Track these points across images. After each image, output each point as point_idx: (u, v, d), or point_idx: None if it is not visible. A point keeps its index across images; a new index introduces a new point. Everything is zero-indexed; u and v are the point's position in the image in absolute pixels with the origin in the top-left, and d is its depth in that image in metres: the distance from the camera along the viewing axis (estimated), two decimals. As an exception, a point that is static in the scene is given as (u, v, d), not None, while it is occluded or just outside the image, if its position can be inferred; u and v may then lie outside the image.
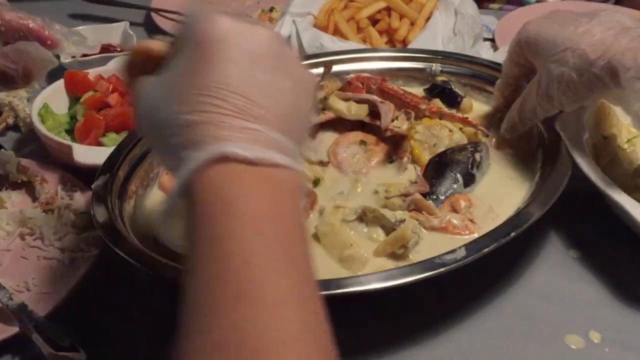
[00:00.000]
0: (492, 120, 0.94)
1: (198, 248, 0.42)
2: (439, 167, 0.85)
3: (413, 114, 0.98)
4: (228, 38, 0.46)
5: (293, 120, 0.48)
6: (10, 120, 1.10)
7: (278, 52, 0.49)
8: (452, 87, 0.99)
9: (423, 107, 0.97)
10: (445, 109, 0.97)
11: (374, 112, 0.93)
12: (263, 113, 0.45)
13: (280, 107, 0.47)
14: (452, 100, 0.97)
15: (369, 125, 0.94)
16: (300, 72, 0.51)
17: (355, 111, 0.93)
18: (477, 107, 0.99)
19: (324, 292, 0.64)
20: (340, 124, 0.97)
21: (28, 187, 0.92)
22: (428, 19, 1.22)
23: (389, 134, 0.91)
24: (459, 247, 0.67)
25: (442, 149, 0.90)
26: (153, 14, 1.43)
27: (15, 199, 0.91)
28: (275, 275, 0.41)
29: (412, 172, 0.86)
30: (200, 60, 0.46)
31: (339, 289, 0.64)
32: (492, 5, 1.53)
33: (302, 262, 0.44)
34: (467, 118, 0.95)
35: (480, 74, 1.01)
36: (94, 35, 1.31)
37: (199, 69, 0.46)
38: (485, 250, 0.67)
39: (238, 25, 0.48)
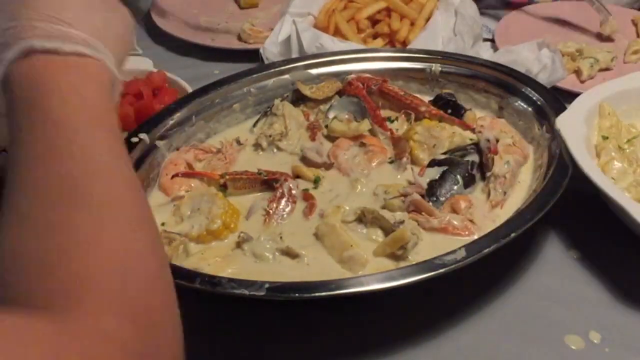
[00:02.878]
0: None
1: (16, 126, 0.49)
2: (439, 169, 0.86)
3: (413, 115, 0.98)
4: None
5: (106, 31, 0.57)
6: None
7: None
8: (457, 99, 0.99)
9: (423, 108, 0.97)
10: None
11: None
12: (71, 17, 0.54)
13: (90, 18, 0.56)
14: (456, 112, 0.97)
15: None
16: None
17: (356, 127, 0.94)
18: (478, 112, 0.99)
19: (325, 293, 0.65)
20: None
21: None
22: (428, 19, 1.22)
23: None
24: (459, 248, 0.67)
25: (441, 150, 0.90)
26: (153, 14, 1.43)
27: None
28: (82, 130, 0.49)
29: (411, 173, 0.86)
30: None
31: (340, 289, 0.64)
32: None
33: (103, 118, 0.51)
34: (465, 121, 0.95)
35: (480, 74, 1.01)
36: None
37: None
38: (486, 251, 0.67)
39: None
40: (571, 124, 0.83)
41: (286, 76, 1.05)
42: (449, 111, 0.97)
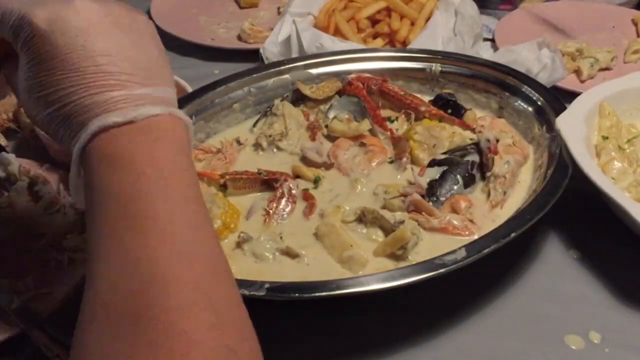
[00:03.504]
0: None
1: (91, 206, 0.48)
2: (439, 169, 0.86)
3: (413, 115, 0.98)
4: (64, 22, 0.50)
5: (153, 69, 0.52)
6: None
7: (121, 11, 0.53)
8: (457, 99, 0.99)
9: (423, 108, 0.97)
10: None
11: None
12: (126, 78, 0.50)
13: (139, 64, 0.51)
14: (456, 112, 0.97)
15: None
16: (139, 18, 0.54)
17: (356, 127, 0.94)
18: (478, 112, 0.99)
19: (325, 293, 0.65)
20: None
21: (30, 188, 0.93)
22: (428, 19, 1.22)
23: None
24: (459, 248, 0.67)
25: (441, 150, 0.90)
26: (153, 14, 1.43)
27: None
28: (154, 204, 0.46)
29: (411, 173, 0.86)
30: (51, 50, 0.49)
31: (340, 289, 0.64)
32: None
33: (182, 187, 0.48)
34: (465, 121, 0.95)
35: (480, 74, 1.01)
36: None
37: (52, 60, 0.49)
38: (486, 250, 0.67)
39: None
40: (571, 124, 0.83)
41: (286, 76, 1.05)
42: (449, 111, 0.97)
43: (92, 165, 0.48)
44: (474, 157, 0.87)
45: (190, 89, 1.05)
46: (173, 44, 1.36)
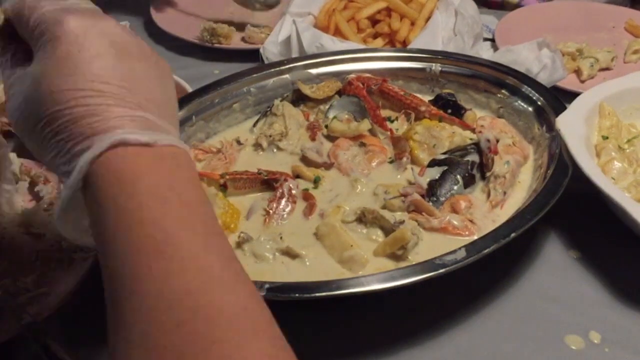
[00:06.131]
0: None
1: (108, 230, 0.44)
2: (439, 169, 0.86)
3: (413, 115, 0.98)
4: (84, 34, 0.48)
5: (165, 105, 0.50)
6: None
7: (134, 42, 0.51)
8: (457, 99, 0.99)
9: (423, 108, 0.97)
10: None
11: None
12: (142, 101, 0.48)
13: (153, 94, 0.49)
14: (456, 112, 0.97)
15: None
16: (158, 59, 0.53)
17: (356, 127, 0.94)
18: (478, 112, 0.99)
19: (325, 293, 0.65)
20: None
21: (31, 188, 0.93)
22: (428, 19, 1.22)
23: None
24: (459, 248, 0.67)
25: (441, 150, 0.90)
26: (153, 14, 1.43)
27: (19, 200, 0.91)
28: (184, 231, 0.43)
29: (411, 173, 0.86)
30: (65, 60, 0.47)
31: (340, 289, 0.64)
32: None
33: (206, 218, 0.46)
34: (465, 121, 0.95)
35: (480, 74, 1.01)
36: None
37: (66, 68, 0.47)
38: (486, 251, 0.67)
39: (87, 21, 0.50)
40: (571, 124, 0.83)
41: (286, 76, 1.05)
42: (449, 111, 0.97)
43: (103, 182, 0.44)
44: (474, 157, 0.87)
45: (190, 89, 1.05)
46: (173, 44, 1.36)
